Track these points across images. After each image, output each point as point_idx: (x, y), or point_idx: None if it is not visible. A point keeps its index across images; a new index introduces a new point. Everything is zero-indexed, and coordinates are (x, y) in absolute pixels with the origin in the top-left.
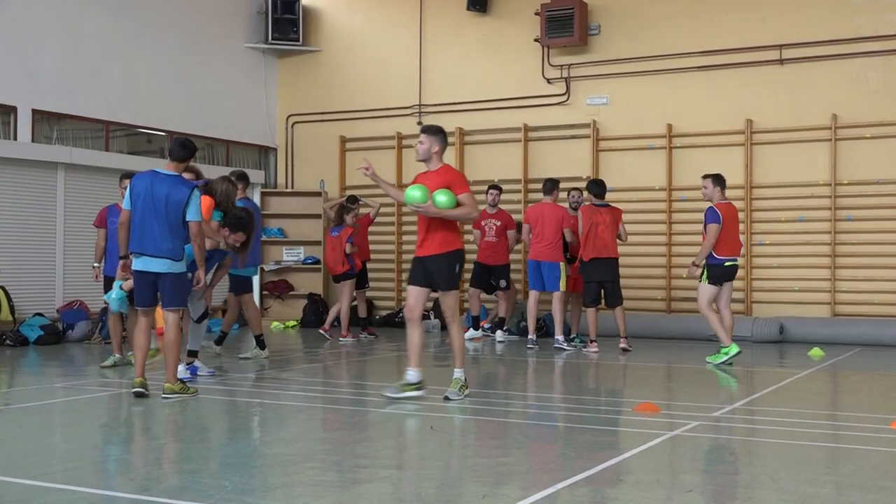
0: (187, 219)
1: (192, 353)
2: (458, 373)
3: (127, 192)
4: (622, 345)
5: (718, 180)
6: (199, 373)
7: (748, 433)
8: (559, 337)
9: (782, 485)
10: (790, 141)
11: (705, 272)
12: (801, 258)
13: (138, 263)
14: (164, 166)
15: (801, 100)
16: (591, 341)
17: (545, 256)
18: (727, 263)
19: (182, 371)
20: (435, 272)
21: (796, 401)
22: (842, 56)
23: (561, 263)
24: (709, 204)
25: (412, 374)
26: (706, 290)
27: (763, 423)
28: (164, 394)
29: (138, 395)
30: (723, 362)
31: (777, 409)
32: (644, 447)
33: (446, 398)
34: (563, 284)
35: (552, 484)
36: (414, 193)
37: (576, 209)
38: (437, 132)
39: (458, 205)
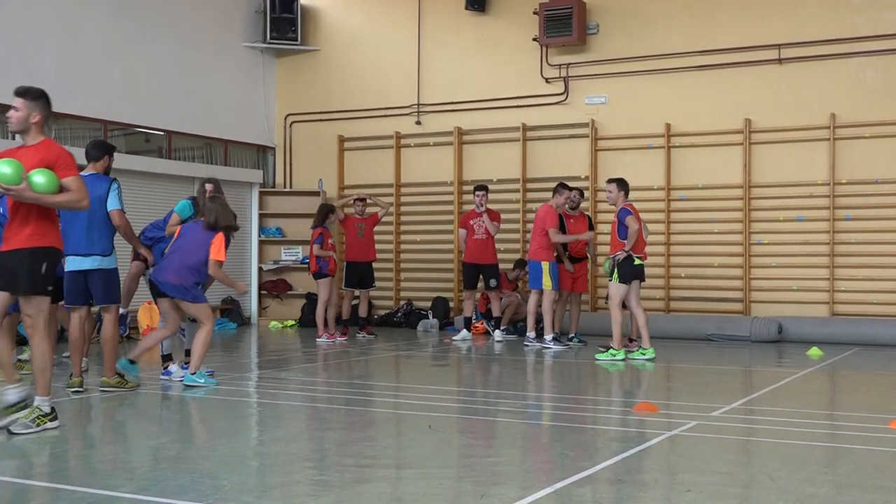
0: (108, 209)
1: (189, 353)
2: (38, 400)
3: None
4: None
5: (623, 185)
6: (172, 377)
7: (747, 433)
8: (547, 336)
9: (781, 484)
10: (789, 140)
11: (616, 271)
12: (800, 258)
13: (68, 264)
14: (85, 169)
15: (799, 99)
16: (631, 340)
17: (530, 255)
18: (636, 262)
19: (177, 370)
20: (17, 270)
21: (795, 400)
22: (840, 55)
23: (543, 263)
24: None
25: (12, 394)
26: (618, 288)
27: (761, 423)
28: (100, 387)
29: (76, 393)
30: (632, 359)
31: (775, 408)
32: (643, 447)
33: (9, 431)
34: (546, 283)
35: (551, 483)
36: (3, 170)
37: (574, 209)
38: (38, 97)
39: (62, 190)
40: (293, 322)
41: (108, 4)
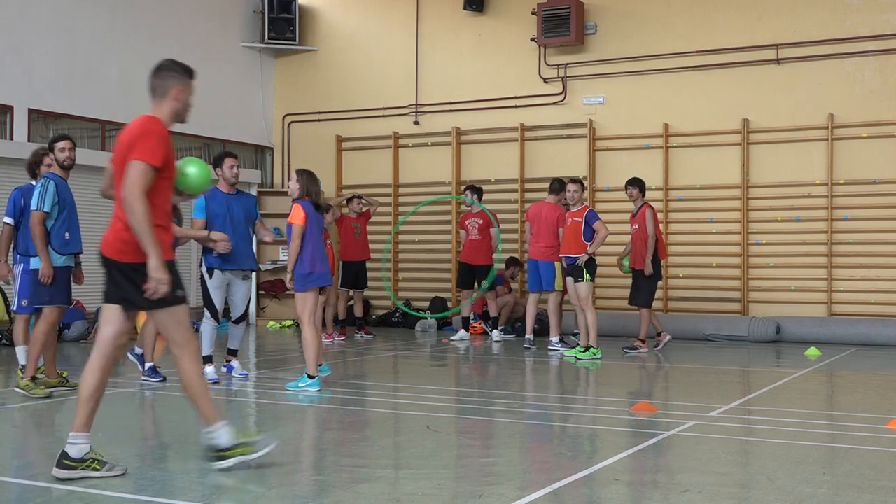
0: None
1: (232, 353)
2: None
3: None
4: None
5: (583, 187)
6: (233, 373)
7: (745, 433)
8: (554, 339)
9: (779, 484)
10: (787, 140)
11: (585, 270)
12: (798, 258)
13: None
14: None
15: (797, 99)
16: (643, 341)
17: (541, 256)
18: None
19: (210, 371)
20: None
21: (793, 400)
22: (838, 55)
23: (556, 263)
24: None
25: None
26: (591, 288)
27: (760, 423)
28: (17, 388)
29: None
30: (586, 358)
31: (774, 408)
32: (641, 447)
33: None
34: (559, 284)
35: (549, 484)
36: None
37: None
38: None
39: None
40: (291, 322)
41: (106, 4)
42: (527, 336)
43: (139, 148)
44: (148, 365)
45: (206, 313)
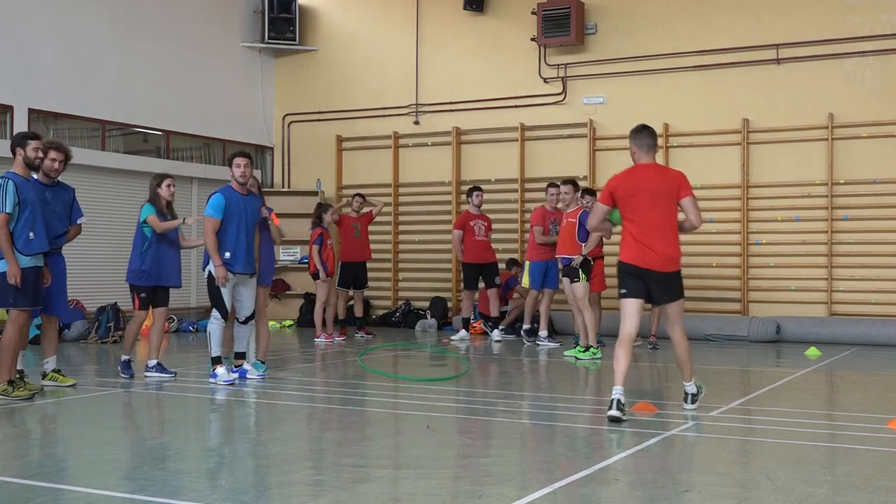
0: None
1: (240, 356)
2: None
3: None
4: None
5: (577, 187)
6: (248, 376)
7: (745, 433)
8: (541, 332)
9: (779, 484)
10: (787, 140)
11: (581, 271)
12: (798, 258)
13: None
14: None
15: (797, 99)
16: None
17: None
18: (592, 262)
19: (223, 373)
20: None
21: (793, 400)
22: (838, 55)
23: (527, 262)
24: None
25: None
26: (586, 287)
27: (760, 423)
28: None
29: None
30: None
31: (774, 408)
32: (641, 447)
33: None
34: (524, 282)
35: (548, 484)
36: None
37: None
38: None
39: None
40: (291, 322)
41: (106, 4)
42: (540, 333)
43: (688, 187)
44: (152, 362)
45: (215, 313)
